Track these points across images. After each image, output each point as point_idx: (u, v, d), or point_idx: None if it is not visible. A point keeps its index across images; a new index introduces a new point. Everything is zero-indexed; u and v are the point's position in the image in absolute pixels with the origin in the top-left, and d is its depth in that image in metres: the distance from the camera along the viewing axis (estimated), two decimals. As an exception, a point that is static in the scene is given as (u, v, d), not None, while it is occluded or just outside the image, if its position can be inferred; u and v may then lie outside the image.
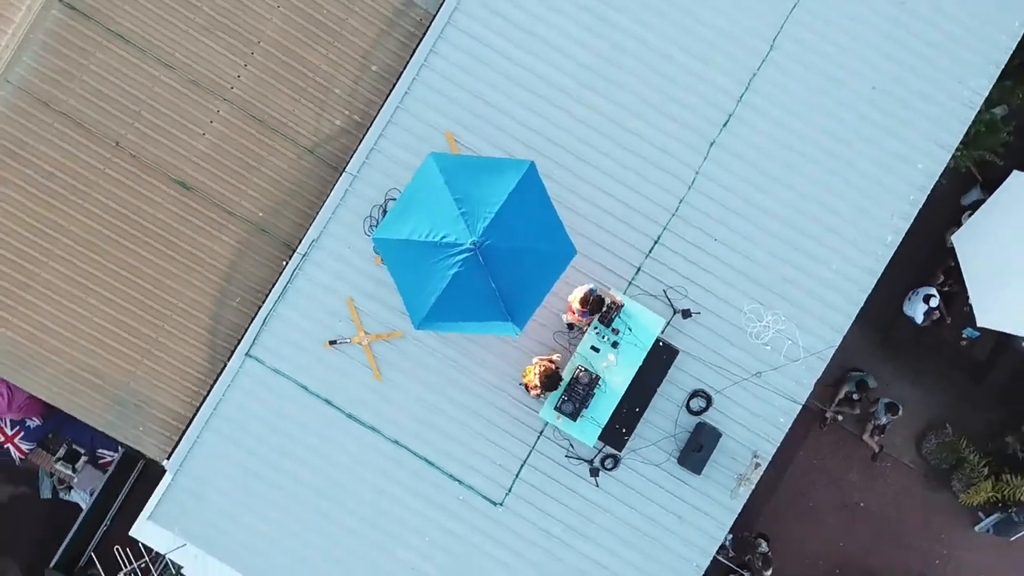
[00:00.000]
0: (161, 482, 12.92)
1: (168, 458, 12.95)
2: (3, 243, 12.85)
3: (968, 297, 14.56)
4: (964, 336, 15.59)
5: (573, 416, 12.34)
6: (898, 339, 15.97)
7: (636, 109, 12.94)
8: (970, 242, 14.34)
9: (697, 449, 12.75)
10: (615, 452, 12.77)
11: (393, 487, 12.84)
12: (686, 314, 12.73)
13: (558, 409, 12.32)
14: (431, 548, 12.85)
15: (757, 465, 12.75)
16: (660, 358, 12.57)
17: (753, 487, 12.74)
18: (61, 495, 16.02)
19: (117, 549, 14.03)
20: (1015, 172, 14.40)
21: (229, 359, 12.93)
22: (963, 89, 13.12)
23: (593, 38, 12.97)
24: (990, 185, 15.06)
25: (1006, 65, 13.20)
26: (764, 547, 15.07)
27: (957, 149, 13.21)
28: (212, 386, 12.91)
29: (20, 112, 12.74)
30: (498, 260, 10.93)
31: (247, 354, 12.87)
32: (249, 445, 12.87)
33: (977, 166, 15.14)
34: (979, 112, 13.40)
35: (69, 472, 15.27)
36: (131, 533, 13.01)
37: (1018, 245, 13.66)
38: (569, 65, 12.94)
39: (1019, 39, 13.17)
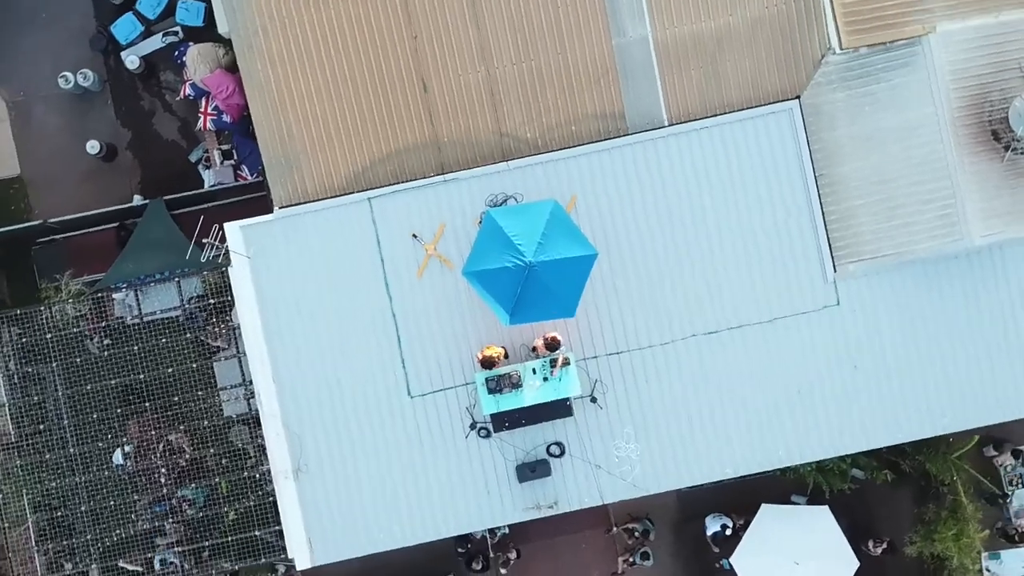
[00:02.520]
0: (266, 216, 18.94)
1: (281, 207, 18.96)
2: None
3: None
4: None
5: (490, 391, 18.20)
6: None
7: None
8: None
9: (532, 470, 18.62)
10: (490, 429, 18.59)
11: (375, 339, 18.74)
12: (593, 400, 18.56)
13: (487, 380, 18.18)
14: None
15: (550, 507, 18.61)
16: (560, 407, 18.41)
17: (555, 506, 18.54)
18: (200, 166, 22.25)
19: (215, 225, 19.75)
20: (764, 505, 20.03)
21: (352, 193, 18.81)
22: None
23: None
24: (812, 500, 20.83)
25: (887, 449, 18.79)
26: (514, 555, 21.08)
27: (809, 464, 18.90)
28: (329, 197, 18.75)
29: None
30: (536, 278, 16.73)
31: (370, 198, 18.82)
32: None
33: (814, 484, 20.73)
34: (842, 458, 19.07)
35: (218, 158, 21.47)
36: (226, 224, 19.01)
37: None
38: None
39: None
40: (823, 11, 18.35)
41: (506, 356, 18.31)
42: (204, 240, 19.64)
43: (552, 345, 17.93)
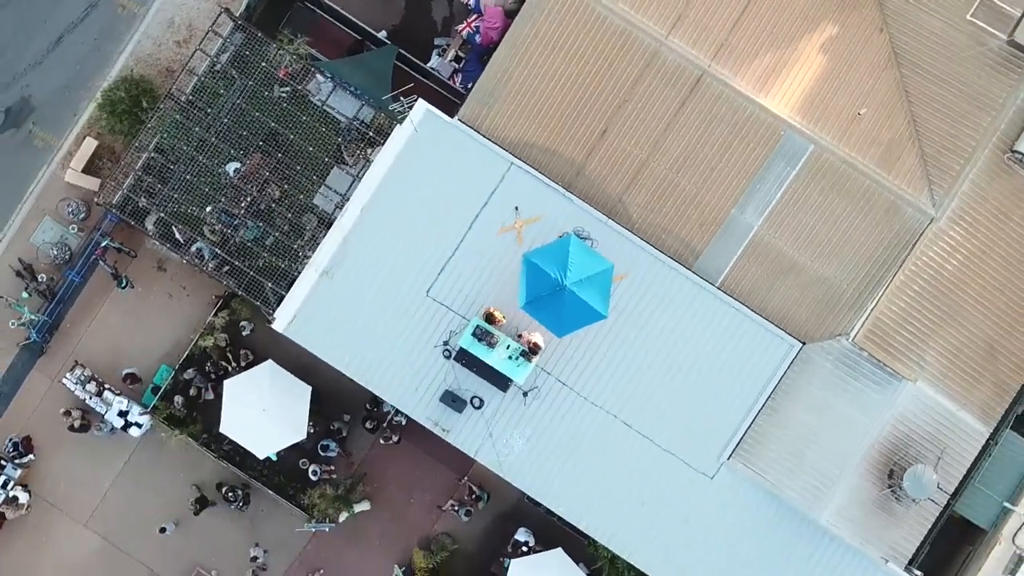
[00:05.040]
0: (446, 116, 24.55)
1: (460, 120, 24.55)
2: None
3: None
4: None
5: (474, 334, 23.67)
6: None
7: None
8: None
9: (452, 400, 24.21)
10: (452, 355, 24.08)
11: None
12: (524, 394, 24.08)
13: (477, 327, 23.68)
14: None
15: (443, 430, 24.18)
16: (503, 381, 23.88)
17: (446, 432, 24.18)
18: (435, 50, 27.95)
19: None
20: (559, 549, 25.74)
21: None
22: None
23: (674, 353, 24.27)
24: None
25: None
26: (395, 439, 26.80)
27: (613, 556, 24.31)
28: (490, 140, 24.35)
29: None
30: (559, 296, 22.23)
31: (512, 163, 24.39)
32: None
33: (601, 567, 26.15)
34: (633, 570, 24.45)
35: (451, 56, 27.26)
36: (421, 99, 24.69)
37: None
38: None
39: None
40: (862, 310, 23.71)
41: (502, 323, 23.83)
42: (399, 95, 25.41)
43: (533, 349, 23.51)
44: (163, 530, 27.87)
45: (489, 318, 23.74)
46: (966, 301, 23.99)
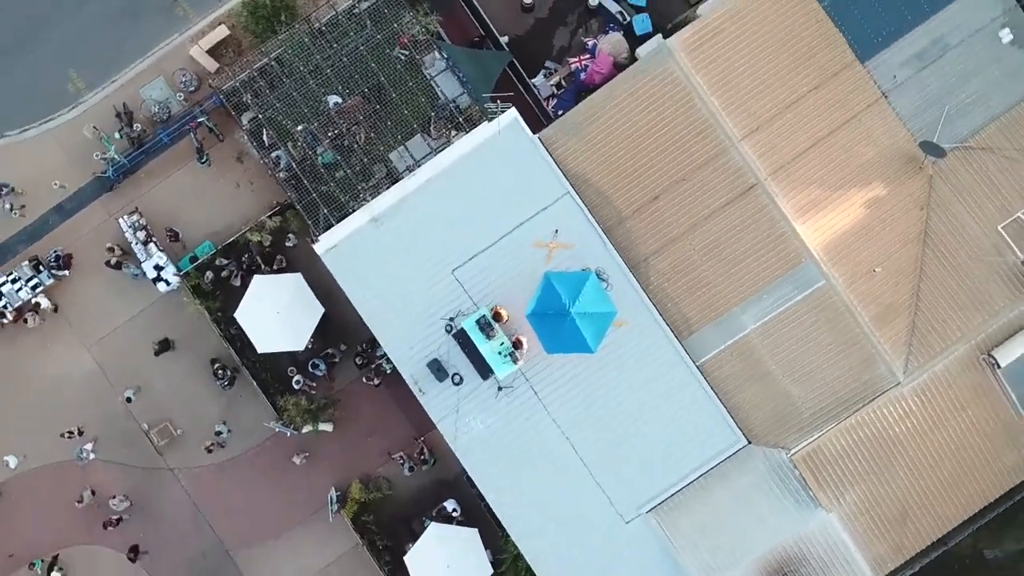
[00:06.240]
0: (528, 130, 27.37)
1: (539, 138, 27.39)
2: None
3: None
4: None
5: (477, 322, 26.44)
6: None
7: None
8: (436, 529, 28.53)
9: (436, 370, 26.99)
10: (452, 332, 26.85)
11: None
12: (499, 388, 26.86)
13: (482, 317, 26.44)
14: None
15: (419, 391, 27.00)
16: (486, 369, 26.69)
17: (421, 393, 26.97)
18: (543, 70, 30.74)
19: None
20: (476, 530, 28.60)
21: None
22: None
23: (637, 405, 27.02)
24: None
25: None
26: (376, 382, 29.65)
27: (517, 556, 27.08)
28: (558, 166, 27.18)
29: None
30: (562, 319, 25.07)
31: (569, 192, 27.16)
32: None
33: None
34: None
35: (554, 82, 30.05)
36: (513, 108, 27.52)
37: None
38: (630, 390, 26.99)
39: None
40: (809, 435, 26.36)
41: (505, 321, 26.61)
42: (497, 97, 28.25)
43: (516, 344, 26.33)
44: (128, 400, 30.99)
45: (495, 314, 26.51)
46: (899, 465, 26.58)
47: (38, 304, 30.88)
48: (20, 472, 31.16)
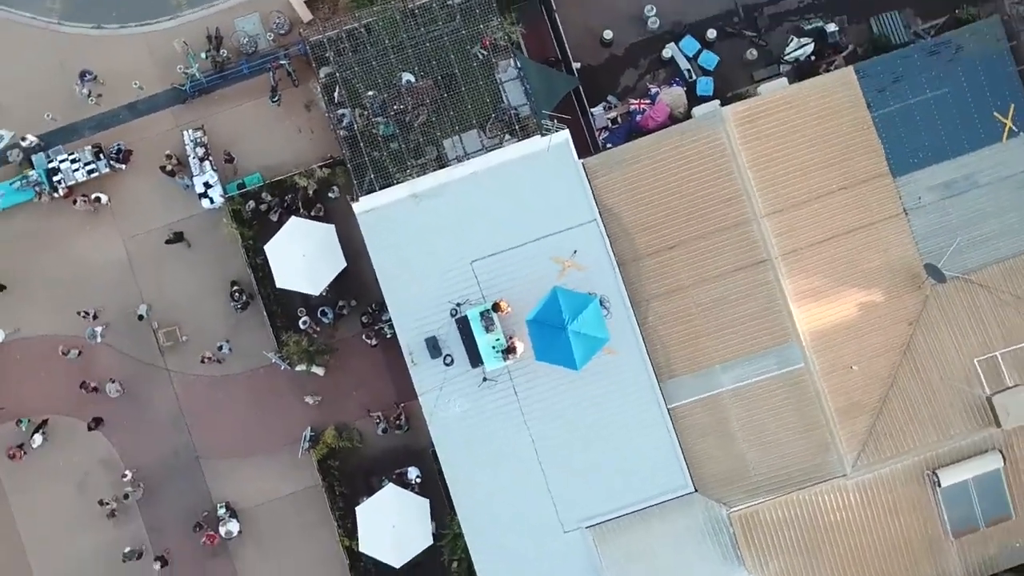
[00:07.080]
0: (575, 155, 29.31)
1: (582, 163, 29.28)
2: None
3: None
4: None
5: (480, 314, 28.40)
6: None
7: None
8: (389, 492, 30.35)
9: (431, 347, 28.94)
10: (455, 317, 28.80)
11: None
12: (484, 380, 28.78)
13: (487, 311, 28.40)
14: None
15: (412, 362, 28.95)
16: (477, 359, 28.60)
17: (413, 364, 28.93)
18: (603, 104, 32.64)
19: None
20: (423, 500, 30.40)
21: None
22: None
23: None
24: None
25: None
26: (373, 342, 31.69)
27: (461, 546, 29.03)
28: (593, 195, 29.12)
29: (739, 214, 29.00)
30: (557, 333, 27.05)
31: (595, 219, 29.09)
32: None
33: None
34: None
35: (611, 116, 31.97)
36: (567, 129, 29.44)
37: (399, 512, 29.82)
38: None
39: None
40: (752, 499, 28.19)
41: (505, 315, 28.49)
42: (555, 117, 30.18)
43: (511, 347, 28.24)
44: (140, 318, 32.90)
45: (497, 308, 28.35)
46: (825, 551, 28.38)
47: (98, 199, 32.88)
48: (28, 336, 33.27)
